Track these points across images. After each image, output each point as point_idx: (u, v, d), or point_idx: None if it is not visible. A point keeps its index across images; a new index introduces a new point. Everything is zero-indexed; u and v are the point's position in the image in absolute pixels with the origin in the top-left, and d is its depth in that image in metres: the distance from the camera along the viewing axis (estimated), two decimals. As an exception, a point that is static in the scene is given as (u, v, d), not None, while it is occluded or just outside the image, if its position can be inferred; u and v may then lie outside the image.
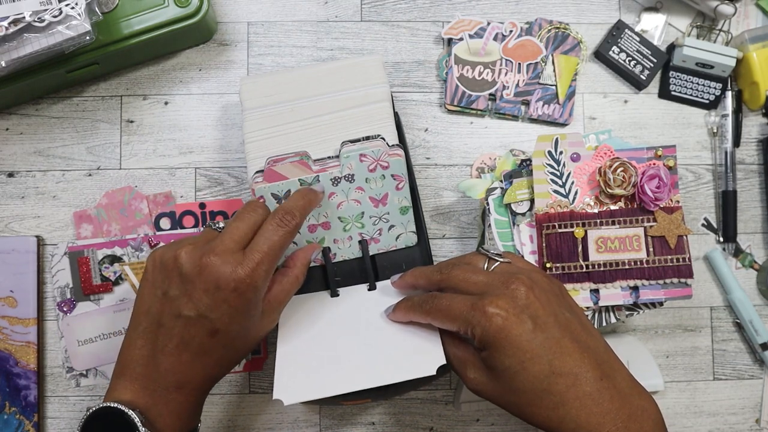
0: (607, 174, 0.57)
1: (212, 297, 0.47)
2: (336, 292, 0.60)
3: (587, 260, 0.57)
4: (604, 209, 0.58)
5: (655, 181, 0.57)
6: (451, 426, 0.67)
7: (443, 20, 0.70)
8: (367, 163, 0.59)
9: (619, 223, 0.58)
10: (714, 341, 0.69)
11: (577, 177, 0.58)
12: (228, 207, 0.67)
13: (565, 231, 0.57)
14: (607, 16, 0.71)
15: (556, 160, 0.58)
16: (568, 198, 0.58)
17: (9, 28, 0.55)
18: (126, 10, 0.63)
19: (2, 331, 0.64)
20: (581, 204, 0.58)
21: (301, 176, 0.58)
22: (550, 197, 0.58)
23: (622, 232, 0.58)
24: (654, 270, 0.57)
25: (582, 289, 0.57)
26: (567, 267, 0.57)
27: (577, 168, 0.58)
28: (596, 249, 0.57)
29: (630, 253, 0.57)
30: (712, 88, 0.70)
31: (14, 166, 0.67)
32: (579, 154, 0.58)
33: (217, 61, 0.69)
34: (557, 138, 0.58)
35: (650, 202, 0.57)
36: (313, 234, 0.61)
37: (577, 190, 0.58)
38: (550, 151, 0.58)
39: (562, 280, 0.57)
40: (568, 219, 0.58)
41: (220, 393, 0.66)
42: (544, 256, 0.57)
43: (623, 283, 0.57)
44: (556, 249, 0.57)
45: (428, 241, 0.63)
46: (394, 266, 0.62)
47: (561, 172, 0.58)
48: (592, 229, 0.57)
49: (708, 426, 0.68)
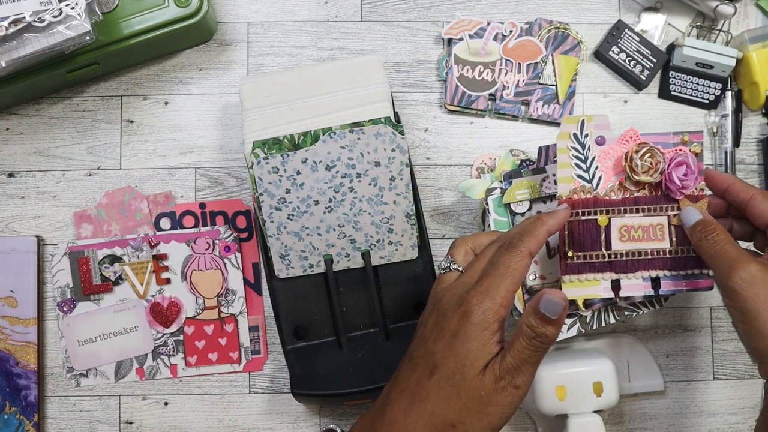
0: (634, 159, 0.54)
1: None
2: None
3: (610, 249, 0.55)
4: (628, 196, 0.55)
5: (683, 168, 0.54)
6: (451, 426, 0.67)
7: (443, 20, 0.70)
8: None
9: (643, 211, 0.55)
10: (714, 341, 0.69)
11: (602, 162, 0.55)
12: (228, 207, 0.67)
13: (588, 218, 0.55)
14: (607, 16, 0.71)
15: (581, 143, 0.55)
16: (591, 183, 0.55)
17: (9, 28, 0.55)
18: (126, 10, 0.63)
19: (2, 331, 0.65)
20: (605, 190, 0.55)
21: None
22: (574, 182, 0.55)
23: (646, 220, 0.55)
24: (677, 260, 0.55)
25: (603, 279, 0.55)
26: (589, 256, 0.55)
27: (602, 152, 0.55)
28: (619, 238, 0.55)
29: (653, 242, 0.55)
30: (711, 88, 0.70)
31: (14, 166, 0.67)
32: (604, 137, 0.55)
33: (217, 61, 0.69)
34: (584, 119, 0.55)
35: (677, 190, 0.54)
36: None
37: (601, 176, 0.55)
38: (575, 134, 0.55)
39: (582, 269, 0.55)
40: (591, 206, 0.55)
41: (220, 393, 0.66)
42: (566, 244, 0.55)
43: (645, 273, 0.55)
44: (578, 237, 0.55)
45: (430, 252, 0.63)
46: (396, 276, 0.62)
47: (585, 156, 0.55)
48: (616, 216, 0.55)
49: (708, 426, 0.68)
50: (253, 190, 0.60)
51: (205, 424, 0.66)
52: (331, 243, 0.61)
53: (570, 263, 0.55)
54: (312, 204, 0.60)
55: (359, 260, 0.62)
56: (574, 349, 0.65)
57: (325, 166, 0.59)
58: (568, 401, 0.60)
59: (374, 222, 0.61)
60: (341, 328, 0.62)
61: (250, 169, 0.59)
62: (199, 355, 0.65)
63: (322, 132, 0.59)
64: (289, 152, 0.59)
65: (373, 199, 0.61)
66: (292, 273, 0.62)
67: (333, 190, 0.60)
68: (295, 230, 0.61)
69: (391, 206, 0.61)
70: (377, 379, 0.60)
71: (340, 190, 0.60)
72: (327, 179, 0.60)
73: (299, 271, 0.62)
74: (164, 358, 0.65)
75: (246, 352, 0.66)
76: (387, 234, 0.61)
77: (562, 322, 0.46)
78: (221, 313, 0.66)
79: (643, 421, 0.67)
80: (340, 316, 0.62)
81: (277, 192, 0.60)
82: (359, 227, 0.61)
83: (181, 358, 0.65)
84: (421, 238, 0.63)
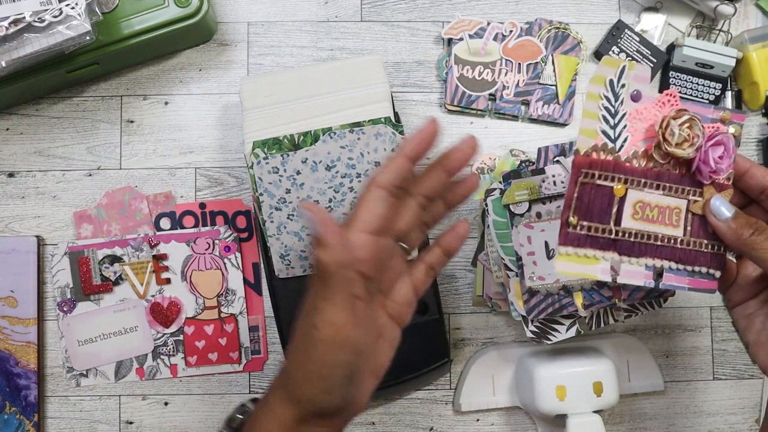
0: (672, 126, 0.46)
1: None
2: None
3: (619, 225, 0.47)
4: (651, 168, 0.48)
5: (720, 149, 0.47)
6: (451, 426, 0.67)
7: (443, 20, 0.70)
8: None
9: (664, 189, 0.48)
10: (714, 341, 0.69)
11: (632, 121, 0.47)
12: (228, 207, 0.67)
13: (603, 184, 0.47)
14: (607, 16, 0.71)
15: (615, 93, 0.47)
16: (615, 144, 0.47)
17: (9, 28, 0.55)
18: (126, 10, 0.63)
19: (2, 331, 0.65)
20: (627, 155, 0.47)
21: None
22: (597, 137, 0.47)
23: (664, 200, 0.48)
24: (686, 253, 0.48)
25: (603, 259, 0.47)
26: (594, 228, 0.47)
27: (634, 110, 0.47)
28: (632, 214, 0.47)
29: (667, 227, 0.48)
30: (712, 88, 0.70)
31: (14, 166, 0.67)
32: (641, 92, 0.47)
33: (217, 61, 0.69)
34: (625, 65, 0.47)
35: (709, 173, 0.47)
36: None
37: (627, 137, 0.47)
38: (611, 80, 0.47)
39: (583, 243, 0.47)
40: (611, 170, 0.47)
41: (220, 393, 0.66)
42: (571, 208, 0.47)
43: (650, 261, 0.48)
44: (587, 204, 0.47)
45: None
46: None
47: (616, 110, 0.47)
48: (634, 189, 0.47)
49: (708, 426, 0.68)
50: (253, 190, 0.60)
51: (205, 424, 0.66)
52: (331, 243, 0.61)
53: (571, 233, 0.47)
54: (312, 204, 0.60)
55: None
56: (574, 349, 0.65)
57: (325, 166, 0.59)
58: (568, 401, 0.60)
59: (374, 222, 0.61)
60: (341, 328, 0.62)
61: (250, 169, 0.59)
62: (199, 355, 0.65)
63: (322, 132, 0.59)
64: (289, 152, 0.59)
65: (373, 199, 0.61)
66: (292, 273, 0.62)
67: (333, 190, 0.60)
68: (295, 230, 0.61)
69: (391, 206, 0.61)
70: (377, 379, 0.60)
71: (340, 190, 0.60)
72: (327, 179, 0.60)
73: (299, 271, 0.62)
74: (164, 358, 0.66)
75: (246, 352, 0.66)
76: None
77: (332, 243, 0.40)
78: (221, 313, 0.66)
79: (643, 421, 0.67)
80: (340, 316, 0.62)
81: (277, 192, 0.60)
82: (359, 227, 0.61)
83: (181, 358, 0.65)
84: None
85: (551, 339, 0.59)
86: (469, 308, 0.68)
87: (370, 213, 0.44)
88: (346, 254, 0.41)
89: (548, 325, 0.59)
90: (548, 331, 0.59)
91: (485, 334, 0.68)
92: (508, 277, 0.59)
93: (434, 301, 0.63)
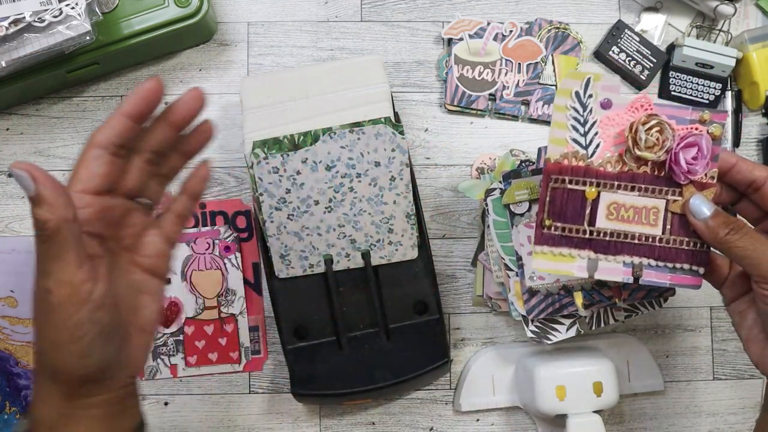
0: (639, 132, 0.48)
1: None
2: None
3: (593, 225, 0.50)
4: (626, 171, 0.49)
5: (693, 150, 0.48)
6: (451, 426, 0.67)
7: (443, 20, 0.70)
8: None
9: (639, 190, 0.49)
10: (714, 341, 0.69)
11: (603, 128, 0.49)
12: (228, 207, 0.67)
13: (575, 188, 0.49)
14: (607, 16, 0.71)
15: (582, 103, 0.49)
16: (587, 151, 0.49)
17: (9, 28, 0.55)
18: (126, 10, 0.63)
19: (2, 331, 0.65)
20: (601, 160, 0.49)
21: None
22: (567, 145, 0.49)
23: (640, 201, 0.49)
24: (666, 250, 0.49)
25: (579, 257, 0.50)
26: (568, 229, 0.50)
27: (605, 117, 0.49)
28: (606, 215, 0.50)
29: (643, 226, 0.50)
30: (711, 88, 0.70)
31: (14, 166, 0.67)
32: (611, 101, 0.49)
33: (217, 61, 0.69)
34: (590, 77, 0.49)
35: (682, 174, 0.48)
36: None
37: (600, 143, 0.50)
38: (577, 92, 0.49)
39: (558, 242, 0.50)
40: (581, 175, 0.49)
41: (220, 393, 0.66)
42: (544, 211, 0.50)
43: (627, 258, 0.50)
44: (560, 206, 0.50)
45: (430, 252, 0.63)
46: (396, 276, 0.63)
47: (585, 119, 0.50)
48: (607, 191, 0.49)
49: (708, 426, 0.68)
50: (253, 190, 0.60)
51: (205, 424, 0.66)
52: (331, 243, 0.61)
53: (546, 233, 0.50)
54: (312, 204, 0.60)
55: (359, 260, 0.62)
56: (574, 349, 0.65)
57: (325, 166, 0.59)
58: (567, 401, 0.60)
59: (374, 222, 0.61)
60: (341, 328, 0.62)
61: (250, 169, 0.59)
62: (199, 355, 0.65)
63: (322, 132, 0.59)
64: (289, 152, 0.59)
65: (373, 199, 0.61)
66: (292, 273, 0.62)
67: (333, 190, 0.60)
68: (295, 230, 0.61)
69: (391, 206, 0.61)
70: (377, 379, 0.60)
71: (340, 190, 0.60)
72: (327, 179, 0.60)
73: (299, 271, 0.62)
74: (164, 358, 0.66)
75: (246, 352, 0.66)
76: (387, 234, 0.61)
77: (50, 198, 0.38)
78: (221, 313, 0.66)
79: (643, 421, 0.67)
80: (340, 316, 0.62)
81: (277, 192, 0.60)
82: (359, 227, 0.61)
83: (181, 358, 0.65)
84: (421, 238, 0.63)
85: (551, 339, 0.59)
86: (469, 308, 0.68)
87: (88, 172, 0.42)
88: (69, 210, 0.39)
89: (548, 325, 0.59)
90: (548, 331, 0.59)
91: (485, 334, 0.68)
92: (508, 277, 0.59)
93: (434, 301, 0.63)
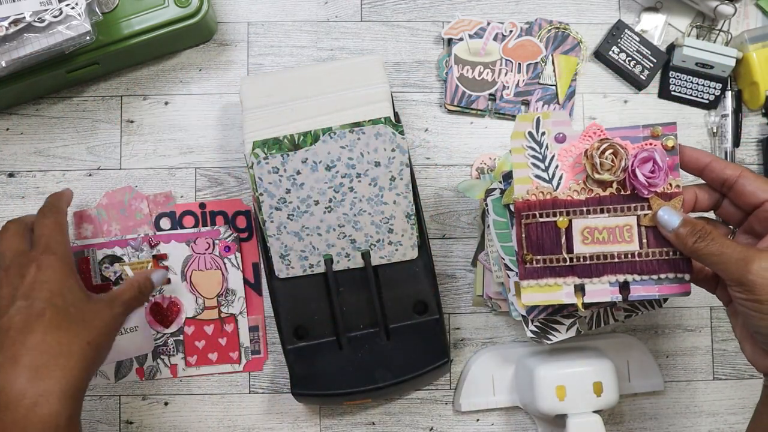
0: (594, 157, 0.50)
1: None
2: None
3: (571, 252, 0.52)
4: (593, 196, 0.52)
5: (649, 164, 0.50)
6: (451, 426, 0.67)
7: (443, 20, 0.70)
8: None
9: (608, 211, 0.52)
10: (714, 341, 0.69)
11: (562, 160, 0.52)
12: (228, 207, 0.67)
13: (546, 220, 0.52)
14: (607, 16, 0.71)
15: (537, 141, 0.52)
16: (551, 184, 0.52)
17: (9, 28, 0.55)
18: (126, 10, 0.63)
19: (2, 331, 0.64)
20: (566, 190, 0.52)
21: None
22: (531, 183, 0.52)
23: (611, 221, 0.51)
24: (647, 264, 0.51)
25: (565, 284, 0.52)
26: (549, 260, 0.52)
27: (562, 150, 0.52)
28: (582, 240, 0.52)
29: (620, 245, 0.51)
30: (711, 88, 0.70)
31: (14, 166, 0.67)
32: (564, 134, 0.52)
33: (217, 61, 0.69)
34: (539, 117, 0.52)
35: (643, 188, 0.51)
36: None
37: (562, 175, 0.52)
38: (530, 132, 0.52)
39: (542, 274, 0.52)
40: (550, 207, 0.52)
41: (220, 393, 0.66)
42: (523, 247, 0.52)
43: (612, 277, 0.52)
44: (536, 240, 0.52)
45: (430, 252, 0.63)
46: (396, 277, 0.63)
47: (543, 155, 0.52)
48: (578, 218, 0.52)
49: (708, 426, 0.68)
50: (253, 190, 0.60)
51: (205, 424, 0.66)
52: (331, 243, 0.61)
53: (528, 268, 0.52)
54: (312, 204, 0.60)
55: (359, 260, 0.62)
56: (574, 349, 0.65)
57: (325, 166, 0.59)
58: (567, 401, 0.60)
59: (374, 222, 0.61)
60: (341, 328, 0.62)
61: (250, 169, 0.59)
62: (199, 355, 0.65)
63: (322, 132, 0.59)
64: (289, 152, 0.59)
65: (373, 199, 0.61)
66: (292, 273, 0.62)
67: (333, 190, 0.60)
68: (295, 230, 0.61)
69: (391, 206, 0.61)
70: (377, 379, 0.60)
71: (340, 190, 0.60)
72: (327, 179, 0.60)
73: (299, 271, 0.62)
74: (164, 358, 0.66)
75: (246, 352, 0.66)
76: (387, 234, 0.61)
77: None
78: (221, 313, 0.66)
79: (643, 421, 0.68)
80: (340, 316, 0.62)
81: (277, 192, 0.60)
82: (359, 227, 0.61)
83: (181, 358, 0.65)
84: (421, 238, 0.63)
85: (551, 339, 0.59)
86: (469, 308, 0.68)
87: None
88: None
89: (548, 325, 0.59)
90: (548, 331, 0.59)
91: (485, 334, 0.68)
92: (508, 277, 0.59)
93: (434, 301, 0.63)
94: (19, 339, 0.50)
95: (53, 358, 0.50)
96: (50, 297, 0.52)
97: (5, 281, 0.54)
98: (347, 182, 0.60)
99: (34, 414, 0.48)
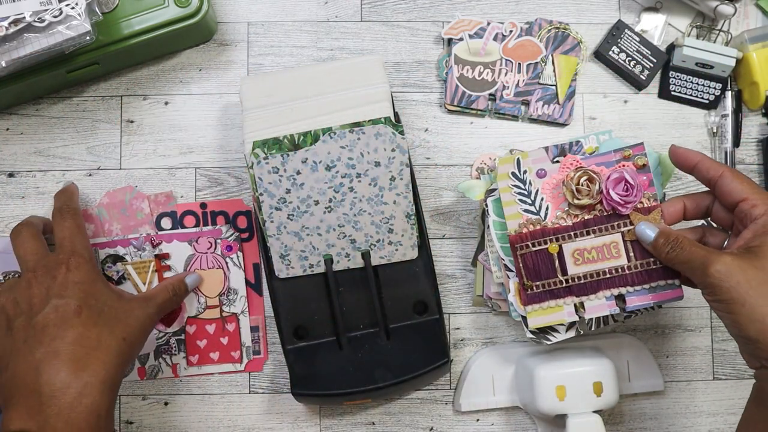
0: (571, 185, 0.56)
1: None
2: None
3: (566, 274, 0.56)
4: (579, 220, 0.56)
5: (622, 184, 0.55)
6: (451, 426, 0.67)
7: (443, 20, 0.70)
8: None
9: (593, 232, 0.56)
10: (714, 341, 0.69)
11: (546, 192, 0.57)
12: (229, 207, 0.67)
13: (539, 248, 0.57)
14: (607, 16, 0.71)
15: (521, 179, 0.57)
16: (539, 215, 0.57)
17: (9, 28, 0.55)
18: (126, 10, 0.63)
19: (3, 331, 0.64)
20: (553, 219, 0.57)
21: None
22: (522, 217, 0.57)
23: (598, 241, 0.56)
24: (638, 275, 0.56)
25: (565, 305, 0.57)
26: (547, 284, 0.56)
27: (545, 183, 0.57)
28: (574, 262, 0.56)
29: (609, 261, 0.56)
30: (711, 88, 0.70)
31: (14, 166, 0.67)
32: (545, 169, 0.57)
33: (217, 61, 0.69)
34: (518, 158, 0.57)
35: (620, 206, 0.55)
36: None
37: (548, 206, 0.57)
38: (513, 172, 0.57)
39: (543, 298, 0.57)
40: (540, 236, 0.57)
41: (220, 393, 0.66)
42: (522, 276, 0.57)
43: (607, 292, 0.56)
44: (533, 267, 0.57)
45: (430, 252, 0.63)
46: (396, 277, 0.63)
47: (528, 191, 0.57)
48: (567, 242, 0.56)
49: (708, 426, 0.68)
50: (253, 190, 0.60)
51: (205, 424, 0.66)
52: (331, 243, 0.61)
53: (530, 293, 0.57)
54: (312, 204, 0.60)
55: (359, 260, 0.62)
56: (574, 349, 0.65)
57: (325, 166, 0.59)
58: (567, 401, 0.60)
59: (374, 222, 0.61)
60: (341, 328, 0.62)
61: (250, 169, 0.59)
62: (200, 355, 0.66)
63: (322, 132, 0.59)
64: (289, 152, 0.59)
65: (373, 199, 0.61)
66: (292, 273, 0.62)
67: (333, 190, 0.60)
68: (295, 230, 0.61)
69: (391, 206, 0.61)
70: (377, 379, 0.60)
71: (340, 190, 0.60)
72: (327, 179, 0.60)
73: (299, 271, 0.62)
74: (166, 357, 0.66)
75: (248, 351, 0.66)
76: (387, 234, 0.62)
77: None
78: (223, 312, 0.66)
79: (643, 421, 0.68)
80: (340, 316, 0.62)
81: (277, 192, 0.60)
82: (359, 227, 0.61)
83: (182, 357, 0.65)
84: (421, 238, 0.63)
85: (551, 339, 0.59)
86: (469, 308, 0.68)
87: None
88: None
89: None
90: (548, 331, 0.59)
91: (485, 334, 0.68)
92: (508, 277, 0.59)
93: (434, 301, 0.63)
94: (59, 334, 0.52)
95: (92, 350, 0.52)
96: (84, 297, 0.55)
97: (35, 281, 0.55)
98: (347, 182, 0.60)
99: (79, 404, 0.50)
